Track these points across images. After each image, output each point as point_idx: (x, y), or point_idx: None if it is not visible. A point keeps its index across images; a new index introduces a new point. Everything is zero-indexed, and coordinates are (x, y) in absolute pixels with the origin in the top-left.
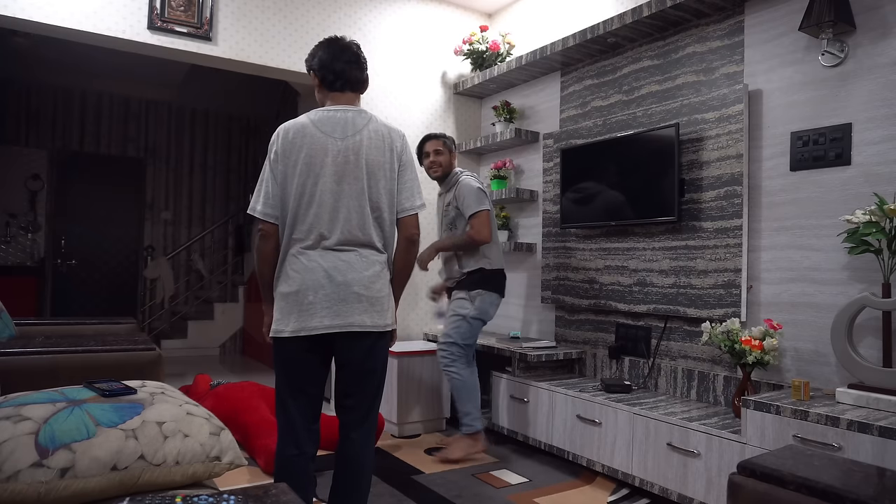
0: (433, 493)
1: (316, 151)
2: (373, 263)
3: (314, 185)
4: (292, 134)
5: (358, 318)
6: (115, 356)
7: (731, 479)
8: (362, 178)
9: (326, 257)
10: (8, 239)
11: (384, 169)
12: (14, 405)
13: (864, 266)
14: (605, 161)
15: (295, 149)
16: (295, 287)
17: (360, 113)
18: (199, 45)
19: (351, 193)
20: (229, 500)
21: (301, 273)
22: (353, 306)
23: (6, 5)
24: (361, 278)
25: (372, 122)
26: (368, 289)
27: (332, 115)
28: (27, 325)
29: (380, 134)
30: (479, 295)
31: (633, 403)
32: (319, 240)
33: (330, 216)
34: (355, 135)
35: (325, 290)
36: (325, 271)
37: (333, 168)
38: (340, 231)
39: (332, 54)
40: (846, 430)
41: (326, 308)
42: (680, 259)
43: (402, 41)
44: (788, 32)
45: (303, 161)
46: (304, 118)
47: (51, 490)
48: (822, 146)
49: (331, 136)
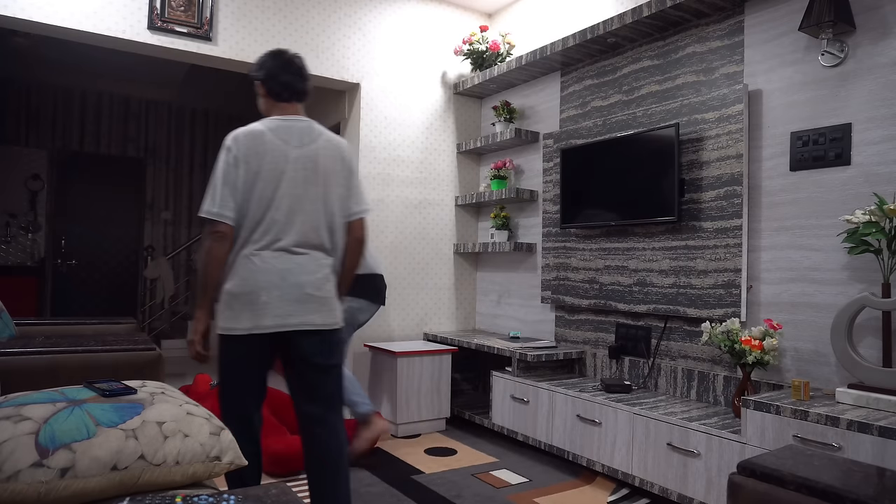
0: (433, 493)
1: (276, 158)
2: (322, 266)
3: (274, 190)
4: (250, 140)
5: (310, 318)
6: (115, 356)
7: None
8: (320, 184)
9: (280, 259)
10: (8, 239)
11: (337, 176)
12: (14, 405)
13: (864, 266)
14: (605, 161)
15: (254, 155)
16: (248, 287)
17: (311, 123)
18: (199, 45)
19: (308, 198)
20: (229, 500)
21: (254, 274)
22: (304, 306)
23: (6, 5)
24: (313, 280)
25: (324, 133)
26: (319, 290)
27: (288, 124)
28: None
29: (332, 143)
30: (347, 301)
31: (633, 403)
32: (273, 241)
33: (286, 219)
34: (311, 143)
35: (278, 291)
36: (278, 272)
37: (293, 174)
38: (296, 233)
39: (278, 67)
40: (846, 430)
41: (280, 307)
42: (680, 259)
43: (402, 41)
44: (788, 32)
45: (264, 167)
46: (259, 125)
47: (51, 490)
48: (822, 146)
49: (289, 144)
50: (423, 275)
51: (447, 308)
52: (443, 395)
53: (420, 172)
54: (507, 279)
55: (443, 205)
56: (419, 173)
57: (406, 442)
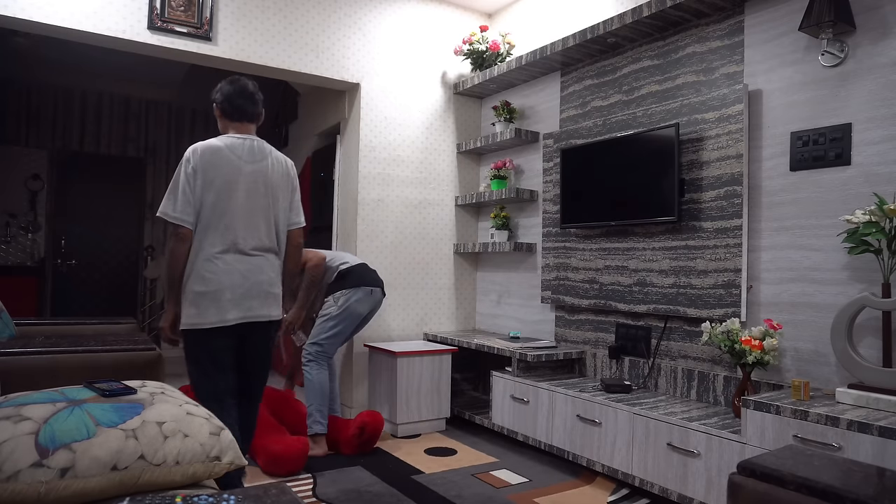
0: (433, 493)
1: (231, 171)
2: (274, 267)
3: (228, 200)
4: (209, 154)
5: (266, 311)
6: (115, 356)
7: (731, 479)
8: (268, 196)
9: (242, 261)
10: (8, 239)
11: (283, 190)
12: (14, 405)
13: (864, 266)
14: (605, 161)
15: (212, 167)
16: (213, 287)
17: (261, 142)
18: (199, 45)
19: (259, 208)
20: (229, 500)
21: (218, 275)
22: (263, 301)
23: (6, 5)
24: (268, 279)
25: (273, 151)
26: (272, 287)
27: (241, 142)
28: (27, 325)
29: (279, 161)
30: (343, 294)
31: (633, 403)
32: (233, 245)
33: (244, 226)
34: (262, 160)
35: (241, 289)
36: (240, 273)
37: (245, 186)
38: (252, 239)
39: (233, 92)
40: (846, 430)
41: (241, 303)
42: (680, 259)
43: (402, 41)
44: (788, 32)
45: (219, 178)
46: (217, 141)
47: (51, 490)
48: (822, 146)
49: (242, 160)
50: (423, 275)
51: (447, 308)
52: (443, 395)
53: (420, 172)
54: (507, 279)
55: (443, 205)
56: (419, 173)
57: (406, 442)
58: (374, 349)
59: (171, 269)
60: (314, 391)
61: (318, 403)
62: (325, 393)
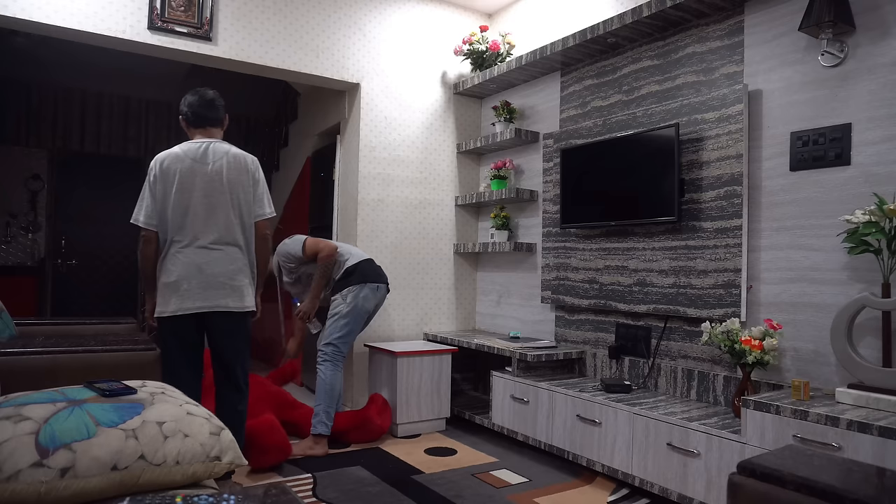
0: (433, 493)
1: (188, 174)
2: (235, 260)
3: (188, 200)
4: (168, 161)
5: (223, 301)
6: (116, 356)
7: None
8: (226, 193)
9: (199, 254)
10: (8, 239)
11: (242, 185)
12: (14, 405)
13: (864, 266)
14: (605, 161)
15: (171, 172)
16: (174, 278)
17: (220, 143)
18: (199, 45)
19: (217, 205)
20: (229, 500)
21: (178, 267)
22: (219, 292)
23: (6, 5)
24: (225, 271)
25: (232, 150)
26: (231, 279)
27: (198, 146)
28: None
29: (238, 159)
30: (350, 292)
31: (633, 403)
32: (193, 240)
33: (203, 222)
34: (219, 160)
35: (197, 280)
36: (196, 266)
37: (202, 186)
38: (212, 233)
39: (194, 102)
40: (846, 430)
41: (198, 293)
42: (680, 259)
43: (402, 41)
44: (788, 32)
45: (178, 181)
46: (177, 149)
47: (51, 490)
48: (821, 146)
49: (199, 162)
50: (423, 275)
51: (447, 308)
52: (443, 395)
53: (420, 172)
54: (507, 279)
55: (443, 205)
56: (419, 173)
57: (406, 442)
58: (374, 349)
59: (142, 267)
60: (325, 391)
61: (327, 404)
62: (335, 395)
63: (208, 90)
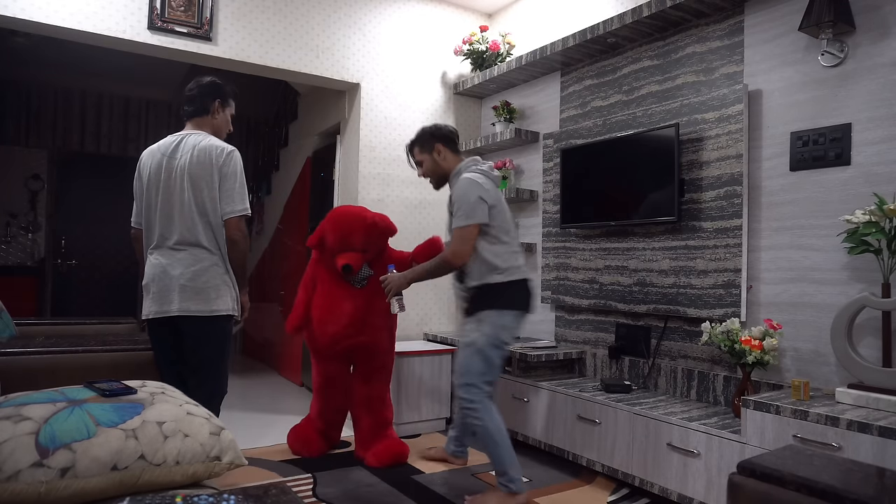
0: (433, 493)
1: (157, 170)
2: (201, 260)
3: (155, 197)
4: (144, 157)
5: (185, 305)
6: (115, 356)
7: (731, 479)
8: (186, 189)
9: (165, 255)
10: (8, 239)
11: (206, 181)
12: (14, 405)
13: (864, 266)
14: (605, 161)
15: (145, 168)
16: (146, 280)
17: (195, 135)
18: (199, 45)
19: (178, 203)
20: (229, 500)
21: (148, 269)
22: (180, 295)
23: (6, 5)
24: (188, 273)
25: (202, 143)
26: (193, 281)
27: (174, 139)
28: (27, 325)
29: (204, 152)
30: (488, 317)
31: (633, 403)
32: (162, 241)
33: (167, 222)
34: (184, 154)
35: (161, 283)
36: (161, 268)
37: (166, 183)
38: (174, 234)
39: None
40: (846, 430)
41: (160, 297)
42: (680, 259)
43: (402, 41)
44: (788, 32)
45: (147, 178)
46: (157, 143)
47: (51, 490)
48: (821, 146)
49: (169, 157)
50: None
51: (447, 308)
52: (443, 395)
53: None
54: None
55: (443, 205)
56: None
57: (406, 442)
58: None
59: (140, 265)
60: (492, 441)
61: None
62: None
63: (192, 83)
